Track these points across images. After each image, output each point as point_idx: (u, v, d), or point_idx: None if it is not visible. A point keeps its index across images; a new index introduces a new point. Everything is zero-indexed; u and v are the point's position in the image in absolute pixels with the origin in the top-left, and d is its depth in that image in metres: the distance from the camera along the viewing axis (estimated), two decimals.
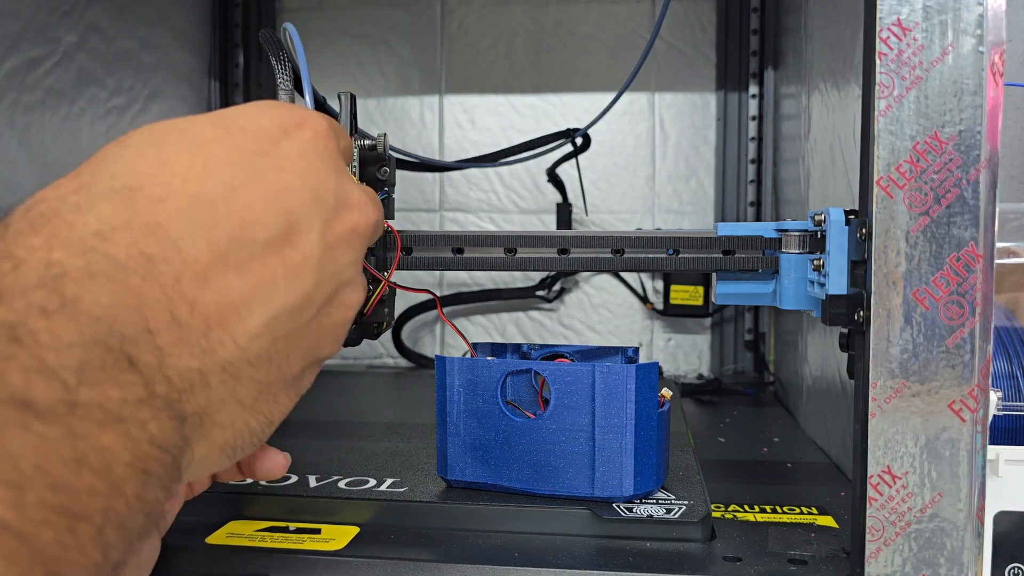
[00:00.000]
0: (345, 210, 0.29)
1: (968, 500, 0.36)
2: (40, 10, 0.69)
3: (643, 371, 0.44)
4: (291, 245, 0.26)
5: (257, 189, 0.26)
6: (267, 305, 0.25)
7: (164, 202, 0.24)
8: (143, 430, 0.22)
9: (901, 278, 0.36)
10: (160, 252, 0.23)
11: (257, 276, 0.25)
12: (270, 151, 0.27)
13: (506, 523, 0.44)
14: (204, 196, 0.25)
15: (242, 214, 0.25)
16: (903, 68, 0.36)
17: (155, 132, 0.26)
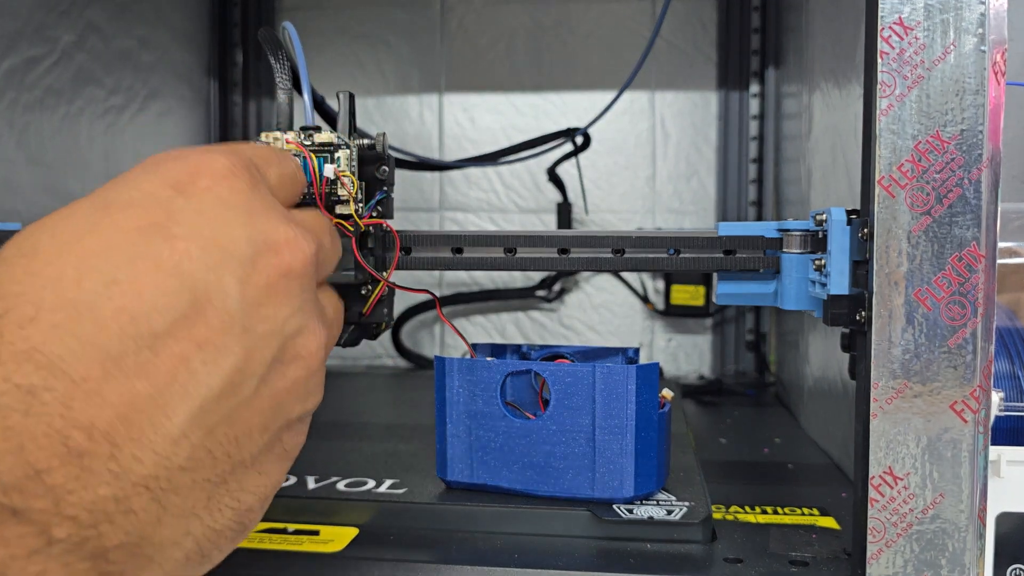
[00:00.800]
0: (268, 255, 0.25)
1: (970, 501, 0.36)
2: (38, 9, 0.69)
3: (644, 372, 0.44)
4: (202, 320, 0.23)
5: (144, 272, 0.22)
6: (186, 399, 0.22)
7: (36, 321, 0.21)
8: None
9: (903, 278, 0.36)
10: (39, 380, 0.20)
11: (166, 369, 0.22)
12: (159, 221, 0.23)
13: (506, 524, 0.44)
14: (83, 300, 0.21)
15: (131, 307, 0.22)
16: (905, 67, 0.36)
17: (26, 239, 0.23)
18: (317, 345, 0.27)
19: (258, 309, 0.24)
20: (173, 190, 0.25)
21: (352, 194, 0.42)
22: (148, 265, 0.22)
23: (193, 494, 0.23)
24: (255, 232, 0.25)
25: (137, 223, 0.23)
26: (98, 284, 0.22)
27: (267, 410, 0.25)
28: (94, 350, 0.21)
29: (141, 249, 0.23)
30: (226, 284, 0.24)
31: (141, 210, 0.24)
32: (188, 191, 0.25)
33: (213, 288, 0.23)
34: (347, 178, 0.42)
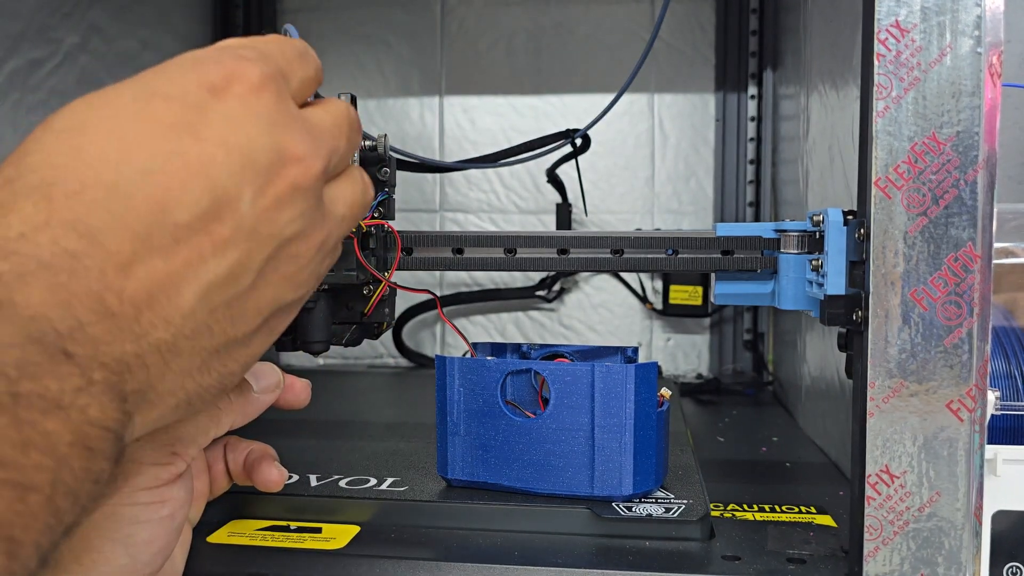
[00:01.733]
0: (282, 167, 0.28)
1: (966, 499, 0.37)
2: (41, 11, 0.69)
3: (642, 371, 0.44)
4: (219, 219, 0.26)
5: (175, 169, 0.25)
6: (196, 282, 0.26)
7: (81, 195, 0.24)
8: (83, 414, 0.23)
9: (899, 278, 0.36)
10: (82, 247, 0.23)
11: (183, 256, 0.25)
12: (193, 120, 0.26)
13: (506, 522, 0.44)
14: (120, 184, 0.24)
15: (160, 198, 0.25)
16: (901, 69, 0.36)
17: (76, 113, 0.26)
18: (308, 247, 0.29)
19: (264, 214, 0.27)
20: (208, 92, 0.27)
21: None
22: (179, 163, 0.25)
23: (192, 359, 0.26)
24: (274, 144, 0.27)
25: (173, 119, 0.26)
26: (135, 171, 0.25)
27: (261, 298, 0.28)
28: (127, 229, 0.24)
29: (174, 146, 0.25)
30: (242, 190, 0.26)
31: (179, 107, 0.26)
32: (221, 95, 0.27)
33: (231, 193, 0.26)
34: None
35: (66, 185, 0.24)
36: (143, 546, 0.33)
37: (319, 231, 0.30)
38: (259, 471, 0.40)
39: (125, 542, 0.32)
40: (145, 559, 0.33)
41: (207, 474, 0.41)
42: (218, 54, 0.28)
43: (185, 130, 0.26)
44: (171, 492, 0.34)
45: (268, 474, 0.40)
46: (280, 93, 0.29)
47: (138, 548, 0.33)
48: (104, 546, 0.32)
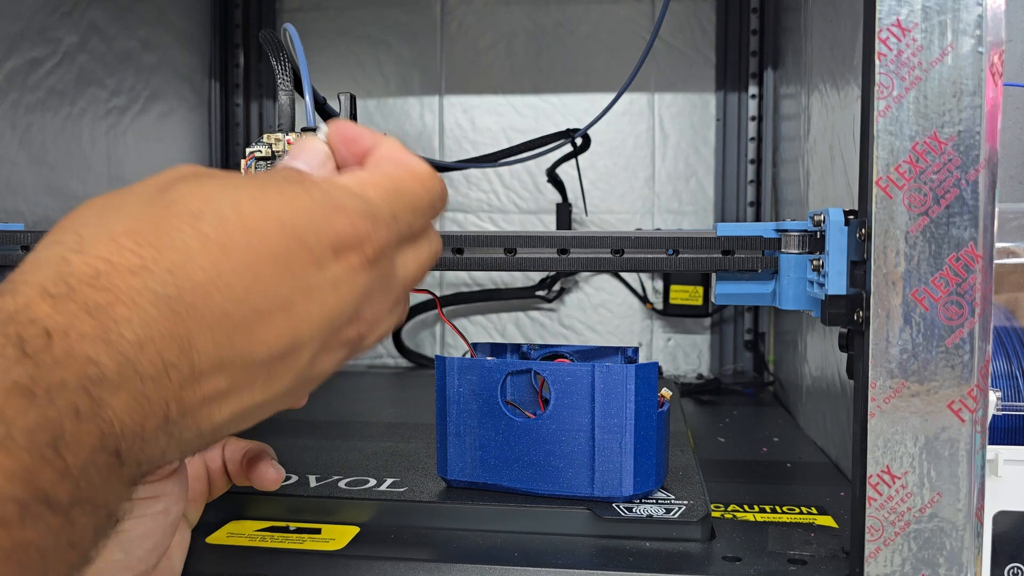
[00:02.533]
0: (351, 326, 0.30)
1: (967, 500, 0.36)
2: (40, 11, 0.69)
3: (643, 371, 0.44)
4: (284, 363, 0.28)
5: (279, 317, 0.27)
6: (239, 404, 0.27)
7: (198, 312, 0.25)
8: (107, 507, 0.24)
9: (900, 278, 0.36)
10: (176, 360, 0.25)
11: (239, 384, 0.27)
12: (309, 275, 0.28)
13: (506, 523, 0.44)
14: (231, 314, 0.26)
15: (257, 337, 0.27)
16: (902, 68, 0.36)
17: (225, 223, 0.27)
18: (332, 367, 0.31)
19: (315, 361, 0.29)
20: (332, 252, 0.28)
21: None
22: (282, 312, 0.27)
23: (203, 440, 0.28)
24: (356, 311, 0.30)
25: (299, 268, 0.28)
26: (247, 309, 0.26)
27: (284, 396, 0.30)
28: (218, 353, 0.26)
29: (287, 296, 0.27)
30: (314, 345, 0.29)
31: (306, 258, 0.28)
32: (340, 259, 0.29)
33: (305, 347, 0.28)
34: None
35: (191, 299, 0.25)
36: (137, 541, 0.33)
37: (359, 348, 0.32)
38: (256, 470, 0.40)
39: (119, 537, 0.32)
40: (140, 555, 0.33)
41: (205, 474, 0.41)
42: (353, 205, 0.29)
43: (300, 283, 0.28)
44: (165, 488, 0.34)
45: (265, 473, 0.40)
46: (380, 264, 0.30)
47: (132, 544, 0.33)
48: None
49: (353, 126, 0.34)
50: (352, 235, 0.29)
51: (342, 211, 0.29)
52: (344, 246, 0.29)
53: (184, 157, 0.95)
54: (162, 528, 0.34)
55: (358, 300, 0.30)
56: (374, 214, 0.30)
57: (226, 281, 0.26)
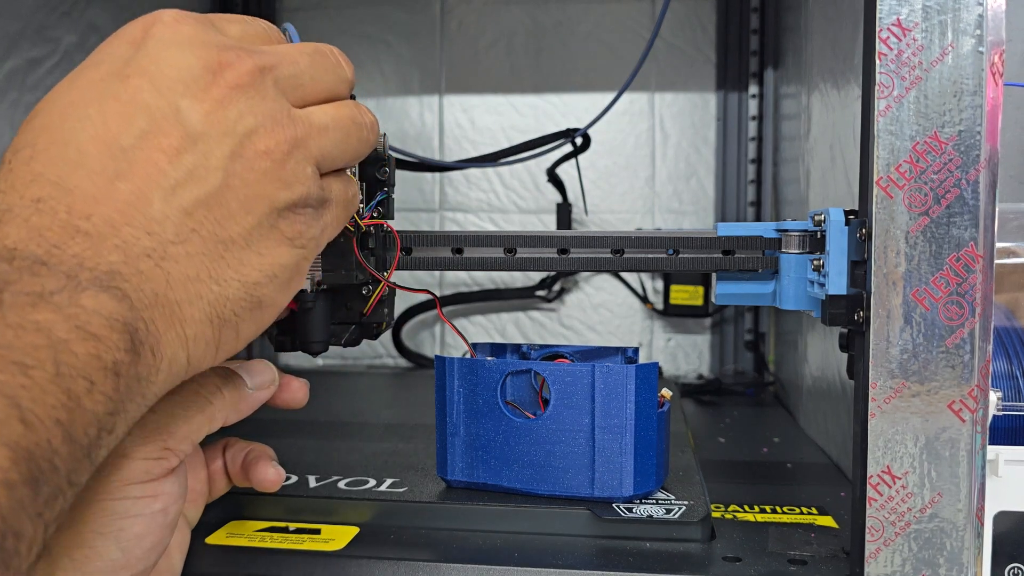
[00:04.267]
0: (216, 74, 0.30)
1: (968, 500, 0.36)
2: (40, 10, 0.69)
3: (643, 371, 0.44)
4: (162, 133, 0.29)
5: (109, 107, 0.29)
6: (159, 188, 0.29)
7: (35, 157, 0.28)
8: (74, 305, 0.25)
9: (901, 278, 0.36)
10: (46, 193, 0.27)
11: (141, 172, 0.28)
12: (119, 69, 0.30)
13: (506, 523, 0.44)
14: (65, 136, 0.28)
15: (103, 135, 0.28)
16: (903, 68, 0.36)
17: (42, 101, 0.30)
18: (272, 140, 0.31)
19: (208, 116, 0.30)
20: (130, 46, 0.31)
21: None
22: (110, 101, 0.29)
23: (191, 263, 0.29)
24: (201, 59, 0.30)
25: (101, 75, 0.30)
26: (75, 122, 0.29)
27: (243, 195, 0.30)
28: (81, 168, 0.28)
29: (104, 91, 0.29)
30: (178, 103, 0.29)
31: (105, 66, 0.30)
32: (142, 43, 0.31)
33: (166, 108, 0.29)
34: None
35: (23, 153, 0.28)
36: (135, 540, 0.33)
37: (284, 128, 0.32)
38: (256, 471, 0.40)
39: (117, 536, 0.32)
40: (138, 554, 0.33)
41: (205, 475, 0.41)
42: (142, 16, 0.32)
43: (111, 78, 0.30)
44: (163, 487, 0.34)
45: (265, 473, 0.40)
46: (201, 25, 0.32)
47: (130, 543, 0.33)
48: (96, 541, 0.32)
49: None
50: (149, 17, 0.32)
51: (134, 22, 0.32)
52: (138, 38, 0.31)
53: None
54: (160, 527, 0.34)
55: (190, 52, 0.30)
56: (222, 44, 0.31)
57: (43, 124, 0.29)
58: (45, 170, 0.28)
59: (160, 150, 0.29)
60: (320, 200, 0.34)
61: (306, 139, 0.32)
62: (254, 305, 0.31)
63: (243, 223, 0.30)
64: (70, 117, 0.29)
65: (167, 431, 0.34)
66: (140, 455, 0.33)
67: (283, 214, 0.32)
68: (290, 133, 0.32)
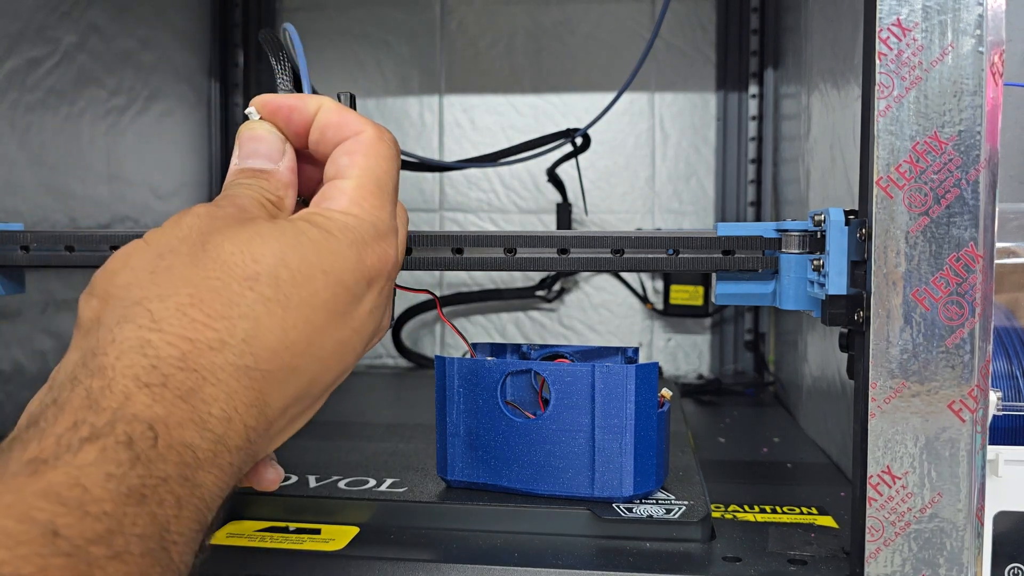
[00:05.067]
0: (374, 335, 0.34)
1: (968, 500, 0.36)
2: (40, 10, 0.69)
3: (643, 371, 0.44)
4: (332, 387, 0.32)
5: (333, 361, 0.31)
6: (292, 431, 0.32)
7: (272, 375, 0.28)
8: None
9: (901, 278, 0.36)
10: (255, 423, 0.28)
11: (299, 416, 0.31)
12: (354, 312, 0.31)
13: (506, 523, 0.44)
14: (298, 368, 0.29)
15: (319, 380, 0.31)
16: (903, 68, 0.36)
17: (281, 285, 0.29)
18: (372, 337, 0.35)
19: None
20: (366, 285, 0.32)
21: None
22: (336, 357, 0.31)
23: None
24: (380, 322, 0.34)
25: (343, 310, 0.31)
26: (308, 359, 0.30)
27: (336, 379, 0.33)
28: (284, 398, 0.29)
29: (338, 336, 0.31)
30: (351, 365, 0.33)
31: (348, 298, 0.31)
32: (371, 287, 0.32)
33: (348, 370, 0.33)
34: None
35: (268, 368, 0.28)
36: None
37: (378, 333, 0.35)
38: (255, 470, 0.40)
39: None
40: None
41: None
42: (376, 242, 0.32)
43: (349, 322, 0.31)
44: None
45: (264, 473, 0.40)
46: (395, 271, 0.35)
47: None
48: None
49: (276, 97, 0.35)
50: (380, 266, 0.32)
51: (366, 246, 0.32)
52: (375, 276, 0.32)
53: (184, 157, 0.95)
54: None
55: (383, 314, 0.34)
56: (384, 231, 0.33)
57: (291, 339, 0.29)
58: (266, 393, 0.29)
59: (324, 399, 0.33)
60: None
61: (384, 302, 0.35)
62: None
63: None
64: (307, 351, 0.30)
65: None
66: None
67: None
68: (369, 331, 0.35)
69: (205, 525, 0.26)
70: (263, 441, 0.29)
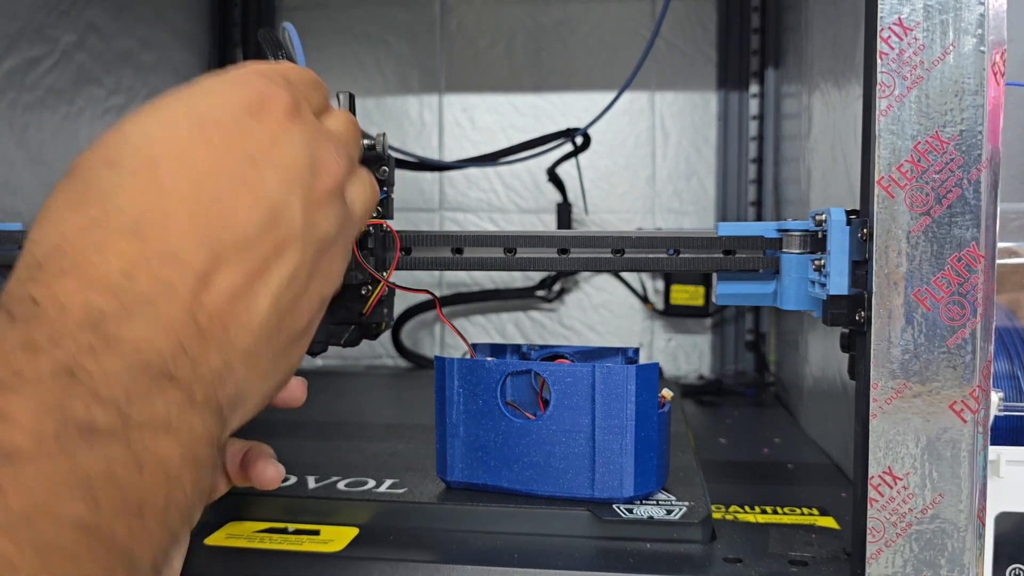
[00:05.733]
0: (318, 176, 0.31)
1: (969, 501, 0.36)
2: (39, 10, 0.69)
3: (643, 372, 0.44)
4: (275, 228, 0.29)
5: (239, 194, 0.28)
6: (267, 288, 0.29)
7: (168, 228, 0.27)
8: (191, 432, 0.25)
9: (902, 278, 0.36)
10: (175, 275, 0.26)
11: (253, 266, 0.28)
12: (245, 145, 0.29)
13: (506, 524, 0.44)
14: (199, 214, 0.27)
15: (231, 219, 0.28)
16: (904, 68, 0.36)
17: (140, 148, 0.28)
18: (343, 243, 0.33)
19: (310, 218, 0.30)
20: (249, 115, 0.30)
21: None
22: (241, 188, 0.29)
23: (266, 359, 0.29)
24: (310, 158, 0.31)
25: (229, 147, 0.29)
26: (209, 201, 0.28)
27: (313, 295, 0.32)
28: (207, 250, 0.27)
29: (235, 174, 0.29)
30: (291, 201, 0.30)
31: (230, 133, 0.29)
32: (261, 118, 0.30)
33: (284, 204, 0.29)
34: None
35: (155, 222, 0.27)
36: None
37: (348, 228, 0.34)
38: (255, 468, 0.40)
39: None
40: None
41: None
42: (248, 76, 0.31)
43: (241, 158, 0.29)
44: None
45: (264, 471, 0.40)
46: (307, 113, 0.32)
47: None
48: None
49: None
50: (257, 94, 0.31)
51: (239, 83, 0.31)
52: (256, 106, 0.30)
53: None
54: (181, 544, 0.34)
55: (304, 148, 0.31)
56: (268, 76, 0.32)
57: (173, 191, 0.27)
58: (177, 245, 0.27)
59: (273, 246, 0.29)
60: None
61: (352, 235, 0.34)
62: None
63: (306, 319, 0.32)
64: (203, 192, 0.28)
65: None
66: None
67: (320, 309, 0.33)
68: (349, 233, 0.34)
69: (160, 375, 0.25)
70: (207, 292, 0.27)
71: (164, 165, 0.28)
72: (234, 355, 0.27)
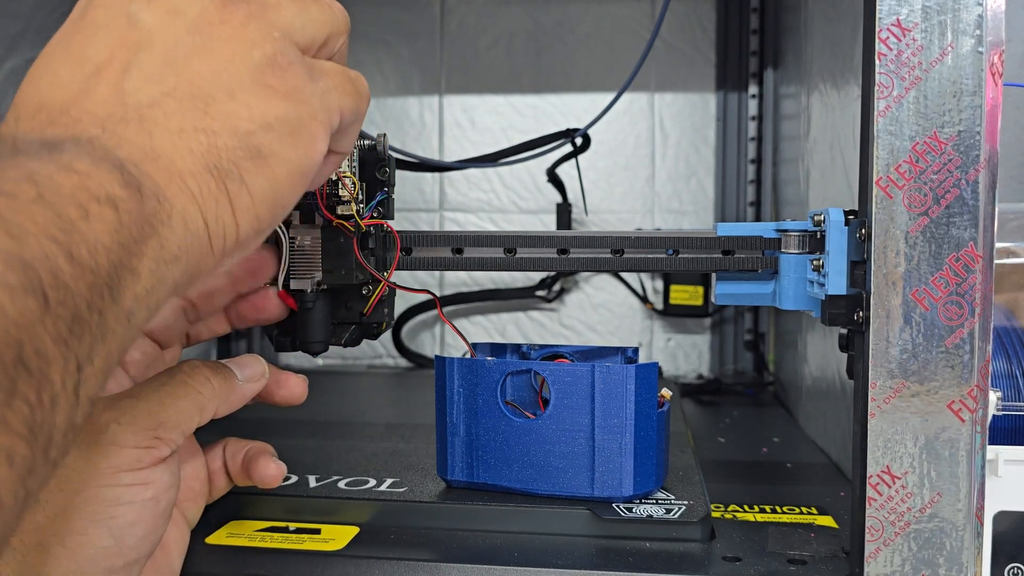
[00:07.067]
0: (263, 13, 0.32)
1: (967, 500, 0.36)
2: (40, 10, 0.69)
3: (643, 371, 0.44)
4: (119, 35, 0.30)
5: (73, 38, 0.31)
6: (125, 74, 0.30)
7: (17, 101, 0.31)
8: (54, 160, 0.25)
9: (900, 278, 0.36)
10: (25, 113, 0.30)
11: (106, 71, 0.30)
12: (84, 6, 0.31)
13: (506, 523, 0.44)
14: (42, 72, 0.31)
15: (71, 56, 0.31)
16: (902, 68, 0.36)
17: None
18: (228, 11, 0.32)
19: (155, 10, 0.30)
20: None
21: (353, 195, 0.43)
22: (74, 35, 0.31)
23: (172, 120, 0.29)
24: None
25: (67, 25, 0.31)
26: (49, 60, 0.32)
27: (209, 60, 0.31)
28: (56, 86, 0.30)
29: (68, 29, 0.32)
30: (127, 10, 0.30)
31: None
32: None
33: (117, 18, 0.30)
34: (348, 179, 0.42)
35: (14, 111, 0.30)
36: (127, 528, 0.33)
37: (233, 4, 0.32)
38: (257, 466, 0.40)
39: (108, 524, 0.33)
40: (131, 542, 0.33)
41: (205, 474, 0.41)
42: None
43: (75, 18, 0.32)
44: (154, 475, 0.34)
45: (266, 469, 0.40)
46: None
47: (122, 530, 0.33)
48: (88, 528, 0.32)
49: None
50: None
51: None
52: None
53: None
54: (153, 516, 0.34)
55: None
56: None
57: None
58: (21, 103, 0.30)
59: (122, 46, 0.30)
60: (305, 64, 0.33)
61: (262, 11, 0.33)
62: (252, 154, 0.30)
63: (219, 81, 0.30)
64: (43, 60, 0.31)
65: (157, 420, 0.34)
66: (130, 443, 0.33)
67: (265, 70, 0.31)
68: (241, 7, 0.32)
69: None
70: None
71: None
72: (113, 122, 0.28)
